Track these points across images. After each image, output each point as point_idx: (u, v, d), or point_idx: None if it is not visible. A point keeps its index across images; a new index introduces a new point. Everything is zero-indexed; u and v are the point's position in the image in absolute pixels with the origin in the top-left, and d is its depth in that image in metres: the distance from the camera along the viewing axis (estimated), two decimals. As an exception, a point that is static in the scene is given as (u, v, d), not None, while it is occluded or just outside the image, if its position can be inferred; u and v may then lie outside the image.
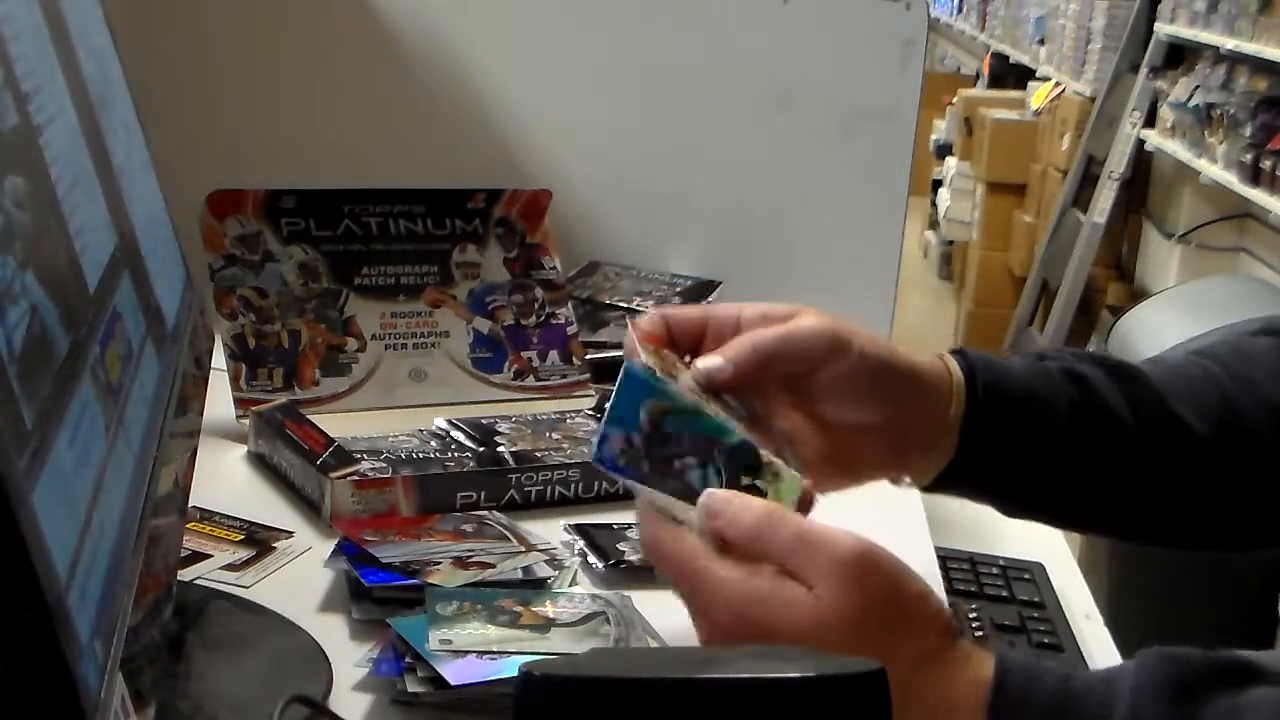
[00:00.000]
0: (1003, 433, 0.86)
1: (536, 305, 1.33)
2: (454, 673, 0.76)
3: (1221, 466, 0.90)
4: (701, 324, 0.85)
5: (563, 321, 1.33)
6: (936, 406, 0.85)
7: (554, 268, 1.35)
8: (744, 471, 0.76)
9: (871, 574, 0.70)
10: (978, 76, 7.33)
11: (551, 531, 0.99)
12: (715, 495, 0.72)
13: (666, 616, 0.88)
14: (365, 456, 1.05)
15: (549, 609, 0.85)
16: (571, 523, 1.02)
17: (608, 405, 0.74)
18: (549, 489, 1.06)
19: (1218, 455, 0.89)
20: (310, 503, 1.03)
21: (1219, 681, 0.69)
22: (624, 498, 1.07)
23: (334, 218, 1.26)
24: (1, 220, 0.50)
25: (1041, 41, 5.60)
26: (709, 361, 0.81)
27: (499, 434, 1.14)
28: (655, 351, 0.81)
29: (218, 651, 0.81)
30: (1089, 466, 0.88)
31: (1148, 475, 0.89)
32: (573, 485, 1.07)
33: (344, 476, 1.01)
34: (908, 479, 0.89)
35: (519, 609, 0.84)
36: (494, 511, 1.02)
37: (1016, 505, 0.91)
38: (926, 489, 0.89)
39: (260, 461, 1.12)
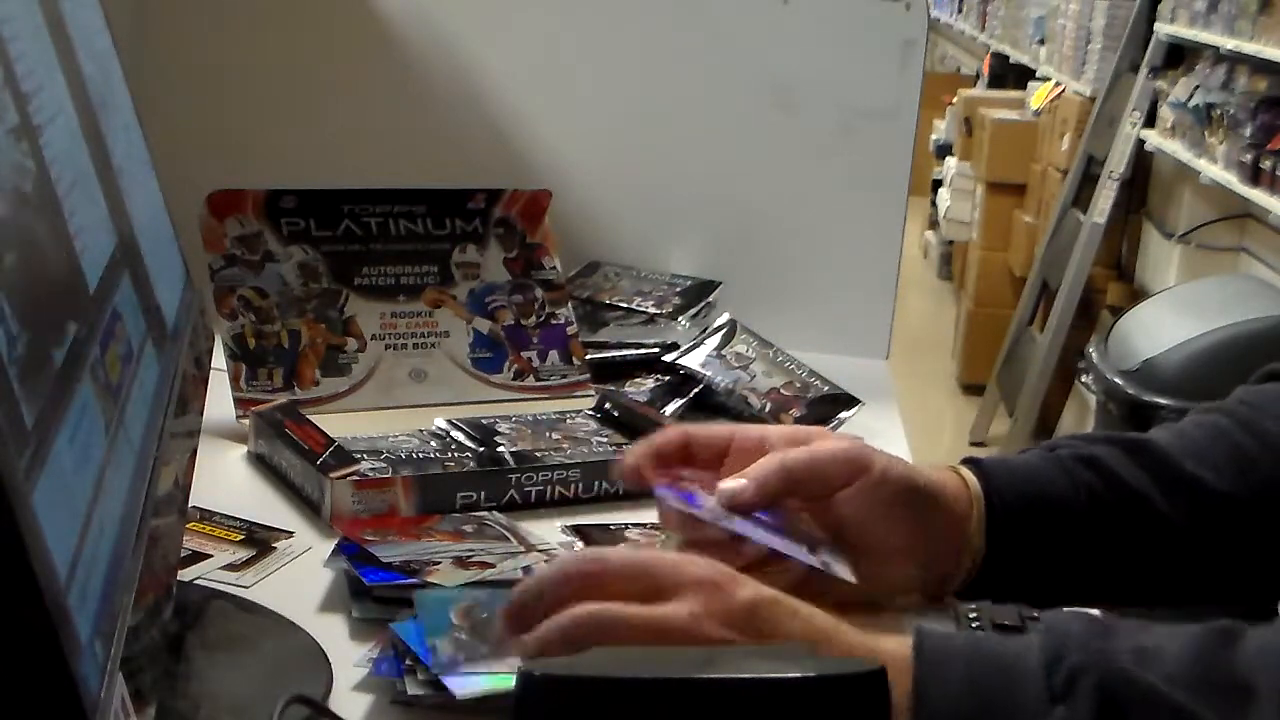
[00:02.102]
0: (1026, 536, 0.87)
1: (536, 305, 1.33)
2: (457, 684, 0.76)
3: (1247, 519, 0.91)
4: (726, 442, 0.87)
5: (563, 321, 1.33)
6: (958, 521, 0.86)
7: (554, 268, 1.35)
8: None
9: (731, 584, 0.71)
10: (978, 76, 7.33)
11: (551, 532, 0.99)
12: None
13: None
14: (365, 456, 1.05)
15: None
16: (569, 523, 1.02)
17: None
18: (549, 489, 1.06)
19: (1242, 508, 0.90)
20: (310, 503, 1.03)
21: (1131, 626, 0.70)
22: (624, 498, 1.07)
23: (334, 218, 1.27)
24: (2, 220, 0.50)
25: (1041, 41, 5.60)
26: (732, 483, 0.82)
27: (499, 434, 1.14)
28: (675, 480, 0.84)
29: (218, 651, 0.81)
30: (1117, 548, 0.90)
31: (1178, 542, 0.90)
32: (573, 485, 1.07)
33: (344, 476, 1.01)
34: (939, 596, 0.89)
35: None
36: (494, 511, 1.02)
37: (1051, 599, 0.89)
38: (959, 597, 0.89)
39: (260, 461, 1.12)
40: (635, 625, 0.70)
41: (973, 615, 1.03)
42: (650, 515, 1.05)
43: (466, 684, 0.76)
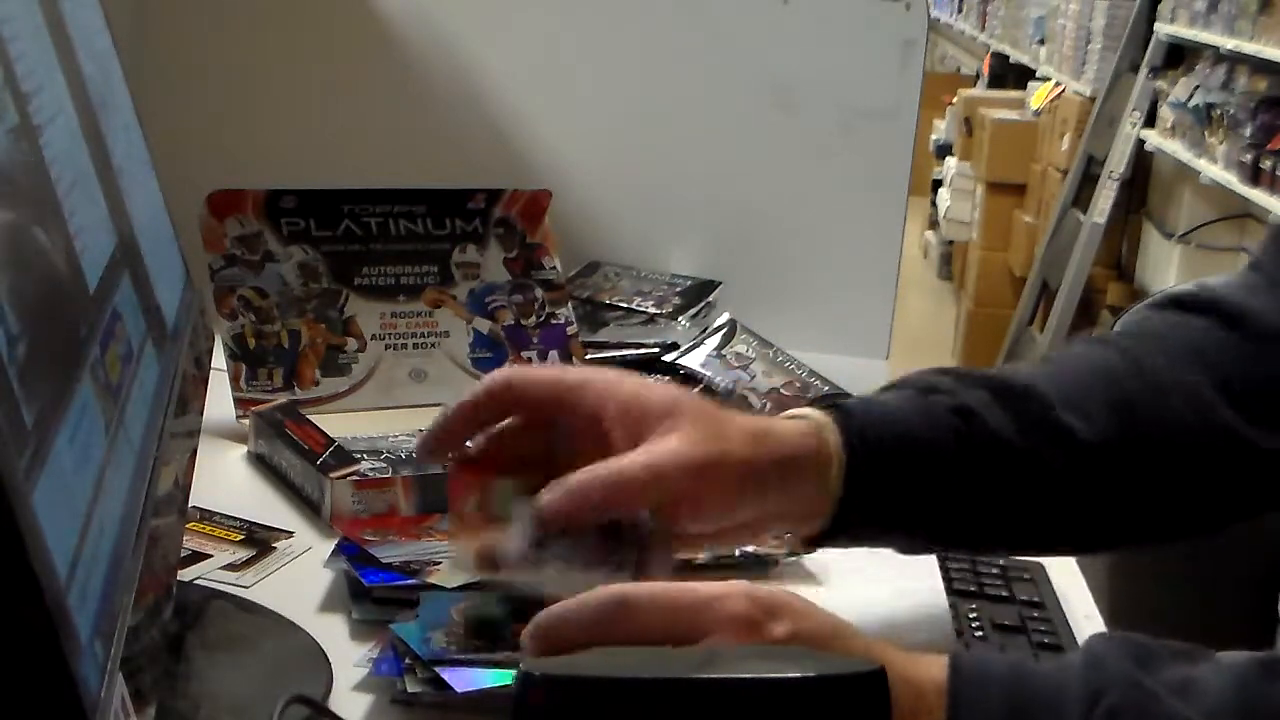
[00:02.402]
0: (889, 482, 0.84)
1: (536, 305, 1.33)
2: (456, 680, 0.76)
3: (1120, 466, 0.88)
4: (551, 395, 0.81)
5: (563, 321, 1.33)
6: (812, 484, 0.82)
7: (554, 268, 1.35)
8: None
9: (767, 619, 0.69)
10: (978, 76, 7.33)
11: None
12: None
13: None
14: (365, 456, 1.05)
15: None
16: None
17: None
18: None
19: (1115, 454, 0.87)
20: (310, 503, 1.03)
21: (1174, 655, 0.69)
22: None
23: (334, 218, 1.26)
24: (1, 220, 0.50)
25: (1041, 41, 5.60)
26: (549, 501, 0.76)
27: (499, 434, 1.14)
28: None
29: (218, 651, 0.81)
30: (981, 497, 0.87)
31: (1052, 488, 0.87)
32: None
33: (344, 476, 1.01)
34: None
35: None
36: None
37: (914, 546, 0.91)
38: (813, 544, 0.87)
39: (260, 461, 1.12)
40: None
41: (973, 616, 1.03)
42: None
43: (467, 679, 0.76)
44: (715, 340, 1.35)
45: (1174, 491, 0.91)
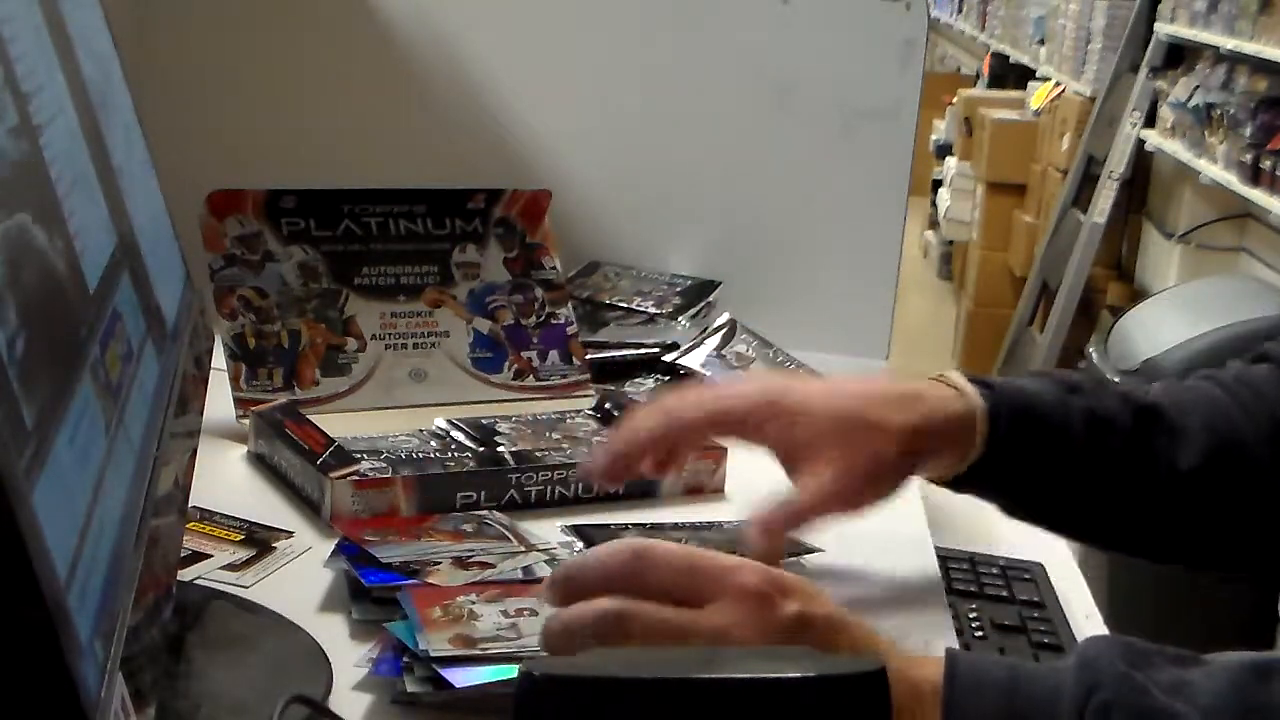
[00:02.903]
0: (1019, 462, 0.94)
1: (536, 305, 1.33)
2: (456, 675, 0.76)
3: (1216, 496, 0.96)
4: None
5: (563, 321, 1.33)
6: (957, 449, 0.93)
7: (554, 268, 1.35)
8: None
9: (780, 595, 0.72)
10: (978, 76, 7.33)
11: (551, 531, 0.99)
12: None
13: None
14: (365, 456, 1.05)
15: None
16: (569, 523, 1.02)
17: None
18: (549, 489, 1.06)
19: (1213, 487, 0.96)
20: (310, 503, 1.03)
21: (1167, 657, 0.70)
22: (624, 498, 1.07)
23: (334, 218, 1.26)
24: (2, 221, 0.50)
25: (1041, 41, 5.60)
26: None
27: (499, 434, 1.14)
28: None
29: (218, 651, 0.81)
30: (1095, 498, 0.96)
31: (1149, 510, 0.96)
32: (573, 485, 1.07)
33: (344, 476, 1.01)
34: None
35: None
36: (494, 511, 1.02)
37: (1016, 514, 0.99)
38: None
39: (260, 461, 1.12)
40: (661, 631, 0.70)
41: (973, 616, 1.03)
42: (649, 514, 1.05)
43: (466, 676, 0.76)
44: (715, 340, 1.36)
45: (1260, 521, 0.98)
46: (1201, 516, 0.97)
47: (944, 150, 6.40)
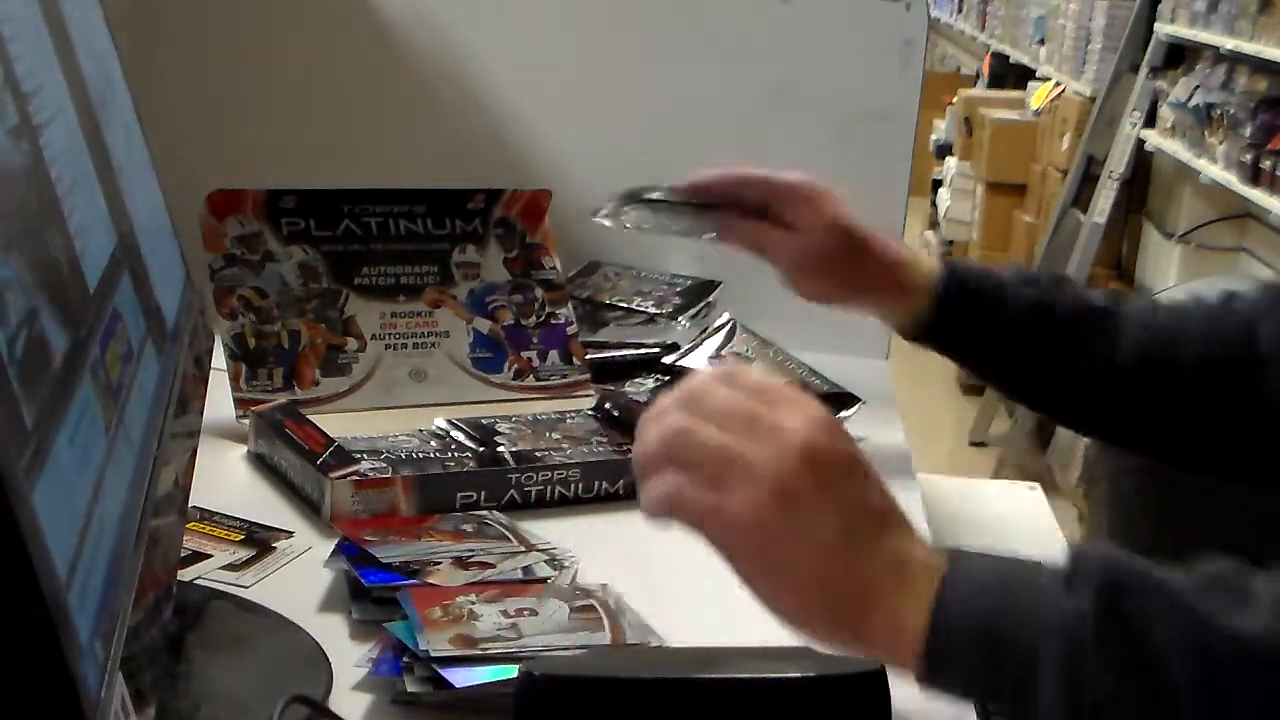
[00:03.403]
0: (963, 321, 1.11)
1: (536, 305, 1.33)
2: (456, 675, 0.76)
3: (1152, 390, 1.08)
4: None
5: (563, 321, 1.33)
6: (896, 288, 1.12)
7: (554, 268, 1.35)
8: None
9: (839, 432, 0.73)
10: (978, 76, 7.33)
11: (551, 532, 0.99)
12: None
13: (660, 609, 0.88)
14: (365, 456, 1.05)
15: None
16: (569, 522, 1.02)
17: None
18: (549, 489, 1.06)
19: (1149, 381, 1.08)
20: (310, 503, 1.03)
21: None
22: (625, 497, 1.07)
23: (334, 218, 1.26)
24: (1, 221, 0.50)
25: (1041, 41, 5.60)
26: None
27: (499, 434, 1.14)
28: None
29: (218, 651, 0.81)
30: (1035, 366, 1.12)
31: (1083, 383, 1.10)
32: (573, 485, 1.07)
33: (344, 476, 1.01)
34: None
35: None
36: (494, 511, 1.02)
37: (977, 376, 1.21)
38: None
39: (260, 461, 1.12)
40: (716, 454, 0.70)
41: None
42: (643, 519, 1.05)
43: (466, 676, 0.76)
44: (716, 340, 1.35)
45: (1195, 429, 1.09)
46: (1137, 409, 1.09)
47: (944, 150, 6.39)
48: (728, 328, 1.37)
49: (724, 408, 0.72)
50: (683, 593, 0.94)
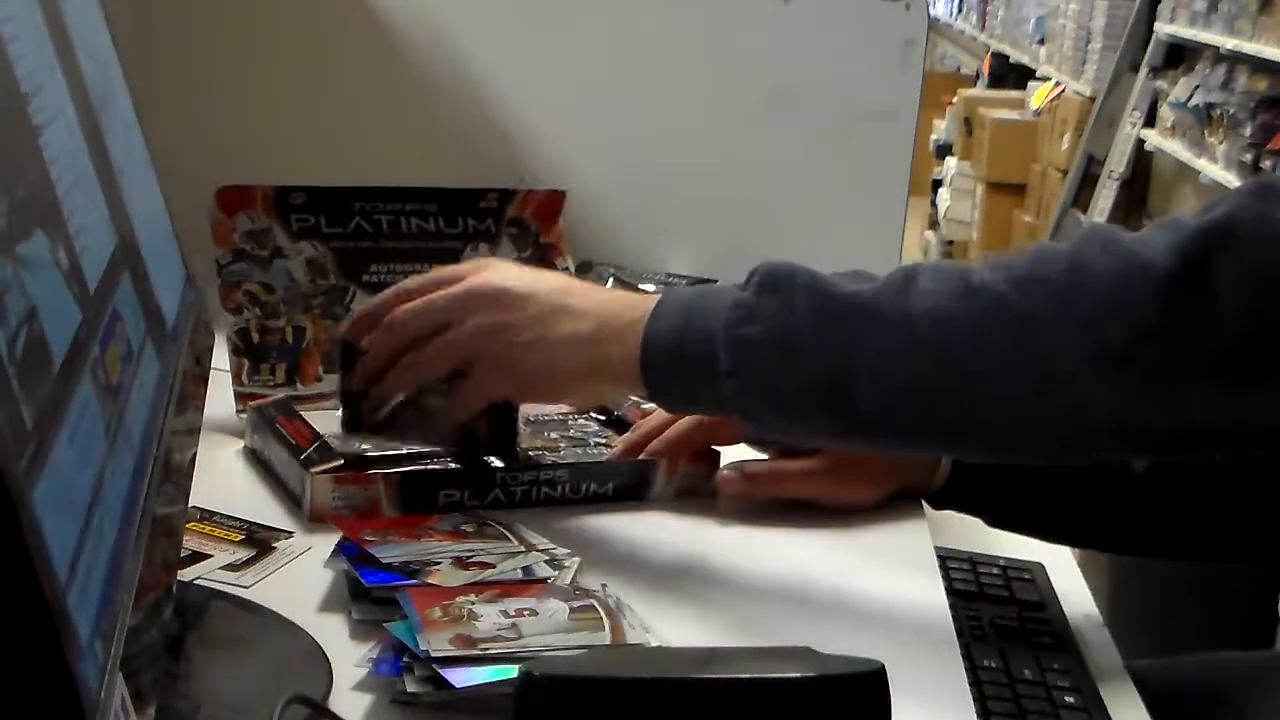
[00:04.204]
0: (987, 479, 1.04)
1: (543, 305, 1.32)
2: (456, 675, 0.76)
3: (1173, 494, 1.04)
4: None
5: (567, 321, 1.33)
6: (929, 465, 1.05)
7: (566, 268, 1.34)
8: None
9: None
10: (978, 76, 7.34)
11: (551, 532, 0.99)
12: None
13: (660, 609, 0.88)
14: (356, 451, 1.05)
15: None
16: (566, 523, 1.02)
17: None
18: (535, 489, 1.06)
19: (1169, 486, 1.04)
20: (294, 497, 1.03)
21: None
22: (612, 499, 1.07)
23: (345, 215, 1.26)
24: (2, 221, 0.50)
25: (1041, 41, 5.60)
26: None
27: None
28: None
29: (218, 651, 0.81)
30: (1056, 495, 1.05)
31: (1108, 499, 1.04)
32: (559, 486, 1.06)
33: (324, 472, 1.00)
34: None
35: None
36: (492, 511, 1.02)
37: (1000, 523, 1.09)
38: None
39: (254, 457, 1.11)
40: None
41: (972, 615, 1.03)
42: (642, 519, 1.05)
43: (466, 676, 0.76)
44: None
45: (1222, 515, 1.07)
46: (1165, 510, 1.05)
47: (944, 150, 6.40)
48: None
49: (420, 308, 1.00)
50: (683, 593, 0.94)
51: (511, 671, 0.73)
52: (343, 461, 1.02)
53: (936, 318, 0.84)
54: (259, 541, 0.96)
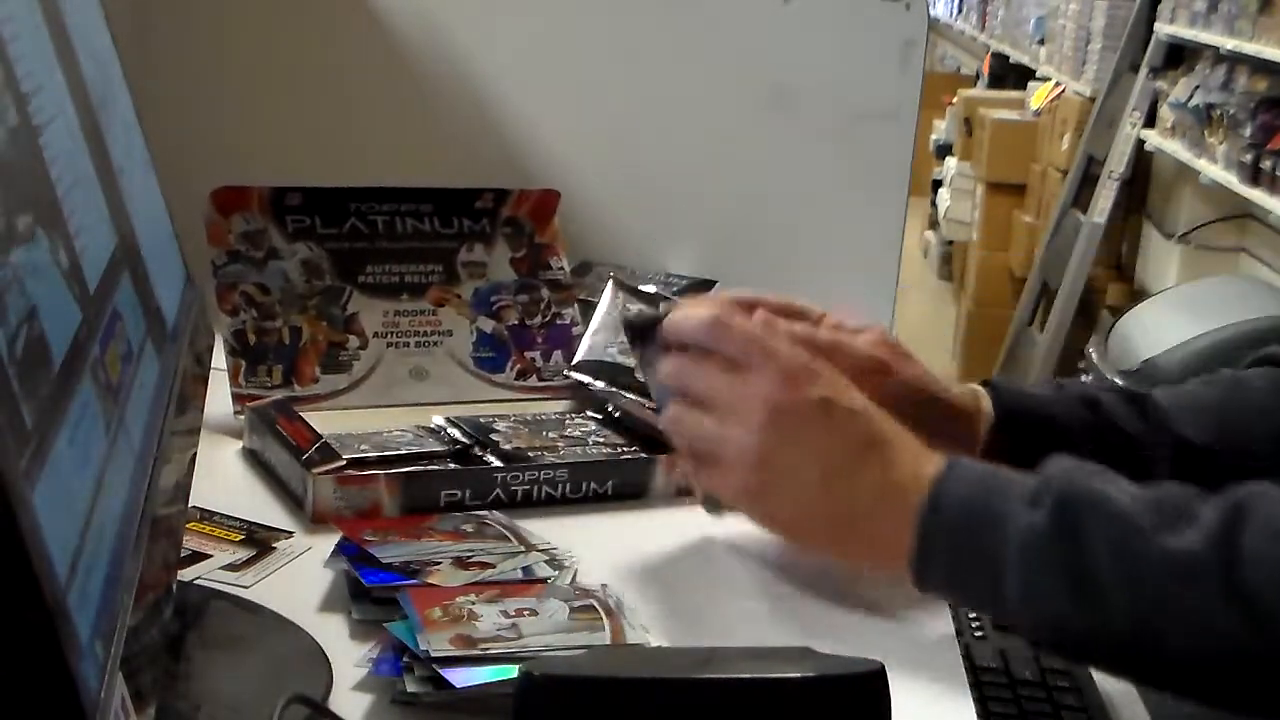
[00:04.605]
0: (1023, 452, 0.95)
1: (542, 305, 1.33)
2: (456, 675, 0.76)
3: (1219, 470, 0.96)
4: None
5: (568, 322, 1.33)
6: (967, 437, 0.99)
7: (561, 268, 1.35)
8: None
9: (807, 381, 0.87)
10: (978, 76, 7.33)
11: (550, 532, 0.99)
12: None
13: (660, 609, 0.88)
14: (365, 450, 1.05)
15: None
16: (562, 521, 1.02)
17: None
18: (535, 488, 1.06)
19: (1214, 461, 1.00)
20: (296, 498, 1.03)
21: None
22: (612, 498, 1.07)
23: (340, 215, 1.26)
24: (1, 221, 0.50)
25: (1041, 41, 5.60)
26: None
27: (495, 432, 1.14)
28: None
29: (218, 651, 0.81)
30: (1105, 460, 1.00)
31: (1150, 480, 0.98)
32: (560, 485, 1.07)
33: (327, 472, 1.00)
34: None
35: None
36: (492, 511, 1.02)
37: None
38: None
39: (254, 457, 1.12)
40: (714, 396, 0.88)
41: (973, 617, 1.03)
42: (642, 519, 1.05)
43: (466, 676, 0.76)
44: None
45: None
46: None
47: (944, 150, 6.39)
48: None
49: (705, 393, 0.88)
50: (683, 593, 0.94)
51: (511, 671, 0.73)
52: (344, 462, 1.02)
53: (1269, 597, 0.73)
54: (259, 541, 0.96)
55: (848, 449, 0.85)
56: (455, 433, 1.13)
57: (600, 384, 1.26)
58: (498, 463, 1.07)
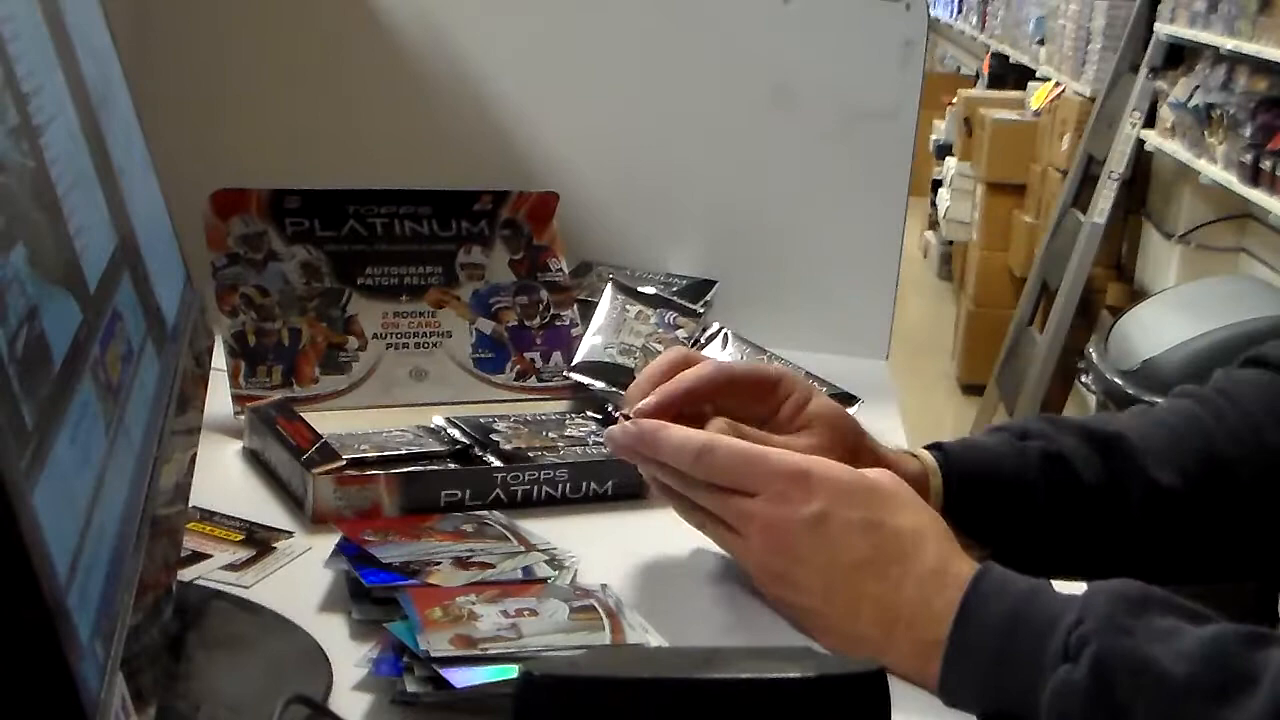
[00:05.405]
0: (981, 518, 0.95)
1: (541, 306, 1.33)
2: (456, 675, 0.76)
3: (1196, 512, 0.99)
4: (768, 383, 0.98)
5: (567, 323, 1.33)
6: None
7: (560, 269, 1.35)
8: None
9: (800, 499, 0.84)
10: (978, 76, 7.34)
11: (550, 532, 0.99)
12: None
13: (659, 609, 0.88)
14: (364, 450, 1.05)
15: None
16: (562, 521, 1.02)
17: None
18: (535, 488, 1.06)
19: (1190, 503, 0.99)
20: (296, 498, 1.03)
21: (1174, 607, 0.75)
22: (613, 499, 1.07)
23: (339, 218, 1.26)
24: (2, 221, 0.50)
25: (1041, 42, 5.60)
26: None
27: (495, 432, 1.14)
28: None
29: (218, 651, 0.81)
30: (1063, 533, 0.98)
31: (1121, 531, 0.99)
32: (560, 485, 1.07)
33: (327, 472, 1.01)
34: None
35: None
36: (492, 511, 1.02)
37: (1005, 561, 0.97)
38: None
39: (254, 458, 1.12)
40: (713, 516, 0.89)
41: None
42: (642, 519, 1.05)
43: (466, 676, 0.76)
44: (708, 351, 1.35)
45: (1244, 537, 1.01)
46: (1186, 534, 1.00)
47: (944, 150, 6.40)
48: (720, 337, 1.37)
49: (709, 508, 0.89)
50: (683, 593, 0.94)
51: (511, 671, 0.73)
52: (344, 462, 1.02)
53: None
54: (259, 541, 0.96)
55: (848, 565, 0.83)
56: (455, 433, 1.13)
57: (600, 384, 1.26)
58: (498, 463, 1.08)
